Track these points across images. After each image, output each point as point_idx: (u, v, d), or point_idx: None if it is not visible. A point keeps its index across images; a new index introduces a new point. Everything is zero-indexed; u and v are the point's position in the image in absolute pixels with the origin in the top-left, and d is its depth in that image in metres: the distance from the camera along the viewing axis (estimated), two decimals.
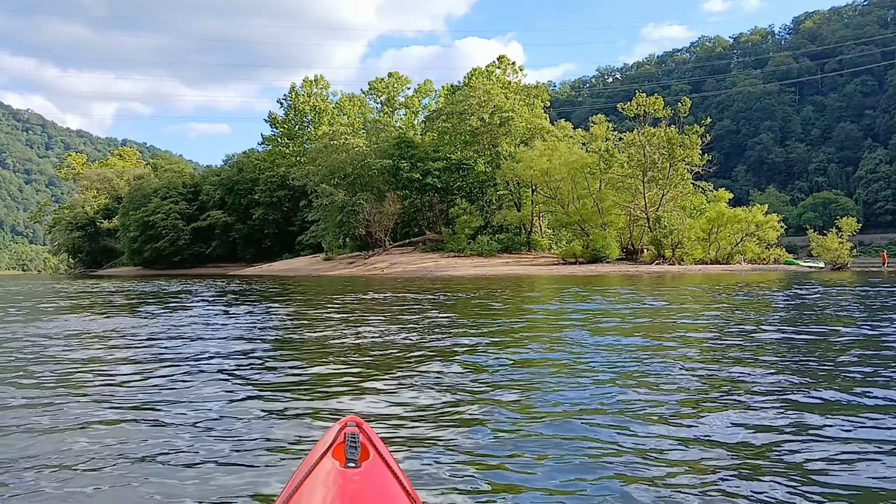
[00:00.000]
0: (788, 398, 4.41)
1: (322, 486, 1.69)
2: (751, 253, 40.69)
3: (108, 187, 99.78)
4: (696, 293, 17.14)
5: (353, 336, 8.28)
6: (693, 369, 5.54)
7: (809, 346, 6.98)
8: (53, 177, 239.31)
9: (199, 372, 5.81)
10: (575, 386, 4.90)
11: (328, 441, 1.85)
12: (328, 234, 60.23)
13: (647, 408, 4.17)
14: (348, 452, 1.78)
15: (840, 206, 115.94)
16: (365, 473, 1.73)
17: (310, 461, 1.80)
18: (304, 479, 1.70)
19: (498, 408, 4.25)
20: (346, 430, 1.85)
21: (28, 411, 4.34)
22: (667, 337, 7.82)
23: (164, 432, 3.79)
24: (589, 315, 10.86)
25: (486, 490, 2.86)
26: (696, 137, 41.24)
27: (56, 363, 6.37)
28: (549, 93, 73.02)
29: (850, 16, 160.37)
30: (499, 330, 8.92)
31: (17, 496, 2.87)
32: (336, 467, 1.75)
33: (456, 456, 3.30)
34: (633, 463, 3.14)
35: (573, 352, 6.66)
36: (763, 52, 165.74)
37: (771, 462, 3.15)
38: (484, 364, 5.97)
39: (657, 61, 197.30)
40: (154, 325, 10.19)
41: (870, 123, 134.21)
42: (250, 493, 2.86)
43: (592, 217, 43.49)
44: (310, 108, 79.65)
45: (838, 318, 9.99)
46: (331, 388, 5.00)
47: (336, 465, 1.76)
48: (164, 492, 2.88)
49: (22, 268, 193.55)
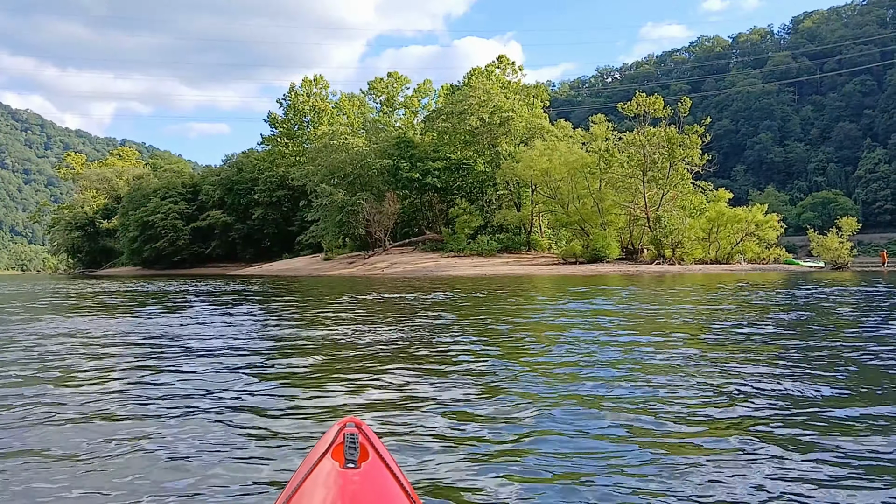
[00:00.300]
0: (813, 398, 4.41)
1: (322, 487, 1.69)
2: (750, 253, 40.69)
3: (108, 187, 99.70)
4: (702, 292, 17.14)
5: (359, 335, 8.27)
6: (714, 371, 5.55)
7: (826, 346, 6.98)
8: (52, 177, 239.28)
9: (206, 371, 5.82)
10: (587, 385, 4.90)
11: (327, 442, 1.86)
12: (328, 234, 60.19)
13: (661, 407, 4.17)
14: (347, 453, 1.78)
15: (839, 205, 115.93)
16: (364, 474, 1.74)
17: (309, 462, 1.81)
18: (303, 480, 1.70)
19: (501, 407, 4.25)
20: (345, 431, 1.86)
21: (32, 407, 4.36)
22: (681, 336, 7.82)
23: (161, 433, 3.79)
24: (597, 314, 10.87)
25: (487, 490, 2.86)
26: (697, 137, 41.23)
27: (61, 361, 6.37)
28: (549, 92, 72.93)
29: (849, 15, 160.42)
30: (506, 330, 8.93)
31: (17, 495, 2.88)
32: (336, 468, 1.76)
33: (455, 456, 3.30)
34: (641, 464, 3.15)
35: (584, 351, 6.66)
36: (762, 52, 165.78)
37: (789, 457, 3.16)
38: (490, 365, 5.96)
39: (656, 61, 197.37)
40: (155, 325, 10.18)
41: (869, 123, 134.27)
42: (250, 493, 2.85)
43: (592, 217, 43.47)
44: (309, 107, 79.62)
45: (852, 319, 9.99)
46: (332, 387, 4.99)
47: (335, 465, 1.77)
48: (163, 493, 2.87)
49: (21, 268, 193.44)
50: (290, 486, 1.74)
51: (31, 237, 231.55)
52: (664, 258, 39.95)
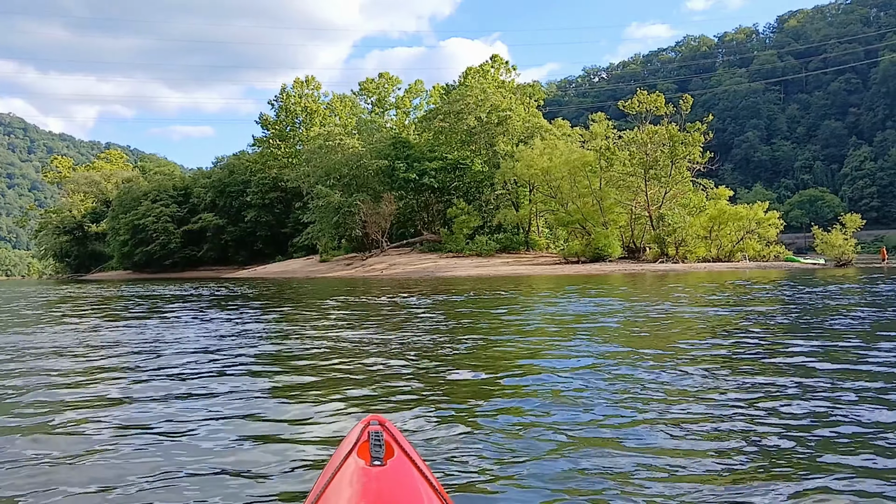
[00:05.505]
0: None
1: (349, 486, 1.69)
2: (751, 250, 40.86)
3: (96, 191, 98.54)
4: (715, 291, 17.08)
5: (375, 340, 8.01)
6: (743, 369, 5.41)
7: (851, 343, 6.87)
8: (36, 181, 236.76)
9: (223, 372, 5.82)
10: (606, 389, 4.74)
11: (352, 440, 1.85)
12: (324, 236, 59.78)
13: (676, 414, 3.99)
14: (373, 451, 1.78)
15: (826, 203, 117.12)
16: (391, 471, 1.73)
17: (335, 461, 1.80)
18: (330, 480, 1.69)
19: (527, 406, 4.23)
20: (369, 429, 1.86)
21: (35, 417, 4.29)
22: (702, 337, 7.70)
23: (186, 437, 3.75)
24: (614, 313, 10.74)
25: (513, 485, 2.85)
26: (699, 135, 41.34)
27: (64, 368, 6.16)
28: (545, 91, 72.95)
29: (834, 14, 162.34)
30: (525, 331, 8.82)
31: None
32: (362, 466, 1.75)
33: (481, 453, 3.28)
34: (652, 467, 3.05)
35: (605, 353, 6.49)
36: (748, 51, 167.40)
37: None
38: (513, 366, 5.85)
39: (643, 60, 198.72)
40: (166, 330, 9.90)
41: (854, 121, 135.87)
42: (277, 493, 2.85)
43: (594, 215, 43.45)
44: (301, 109, 79.23)
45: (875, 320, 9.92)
46: (356, 390, 4.93)
47: (361, 463, 1.76)
48: (190, 497, 2.84)
49: (5, 273, 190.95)
50: (317, 486, 1.73)
51: (16, 242, 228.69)
52: (667, 256, 40.00)
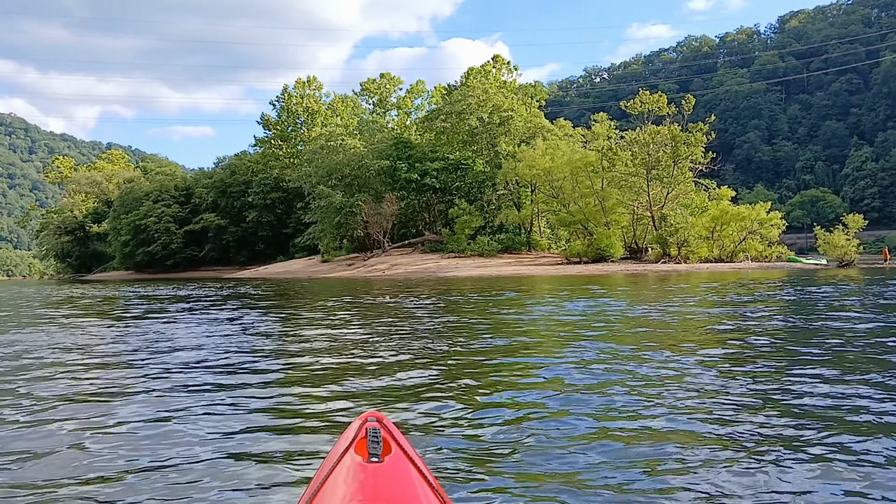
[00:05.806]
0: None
1: (346, 482, 1.69)
2: (754, 251, 40.82)
3: (98, 191, 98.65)
4: (718, 291, 17.08)
5: (375, 339, 8.04)
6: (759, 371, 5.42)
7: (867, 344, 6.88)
8: (37, 181, 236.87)
9: (222, 369, 5.87)
10: (606, 388, 4.75)
11: (350, 437, 1.85)
12: (325, 236, 59.78)
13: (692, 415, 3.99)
14: (371, 447, 1.79)
15: (827, 203, 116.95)
16: (388, 468, 1.74)
17: (332, 457, 1.81)
18: (327, 476, 1.70)
19: (526, 404, 4.26)
20: (367, 426, 1.86)
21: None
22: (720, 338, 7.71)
23: (181, 435, 3.78)
24: (615, 313, 10.75)
25: (510, 486, 2.87)
26: (701, 135, 41.31)
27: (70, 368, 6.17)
28: (546, 92, 72.94)
29: (835, 15, 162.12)
30: (526, 331, 8.83)
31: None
32: (359, 462, 1.76)
33: (478, 451, 3.32)
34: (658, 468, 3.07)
35: (607, 352, 6.50)
36: (749, 52, 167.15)
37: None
38: (520, 366, 5.87)
39: (644, 61, 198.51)
40: (167, 332, 9.91)
41: (856, 121, 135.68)
42: (274, 490, 2.88)
43: (596, 216, 43.43)
44: (303, 109, 79.26)
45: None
46: (355, 387, 4.99)
47: (359, 460, 1.77)
48: (188, 491, 2.88)
49: (6, 273, 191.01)
50: (314, 482, 1.73)
51: (17, 242, 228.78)
52: (670, 257, 39.98)
